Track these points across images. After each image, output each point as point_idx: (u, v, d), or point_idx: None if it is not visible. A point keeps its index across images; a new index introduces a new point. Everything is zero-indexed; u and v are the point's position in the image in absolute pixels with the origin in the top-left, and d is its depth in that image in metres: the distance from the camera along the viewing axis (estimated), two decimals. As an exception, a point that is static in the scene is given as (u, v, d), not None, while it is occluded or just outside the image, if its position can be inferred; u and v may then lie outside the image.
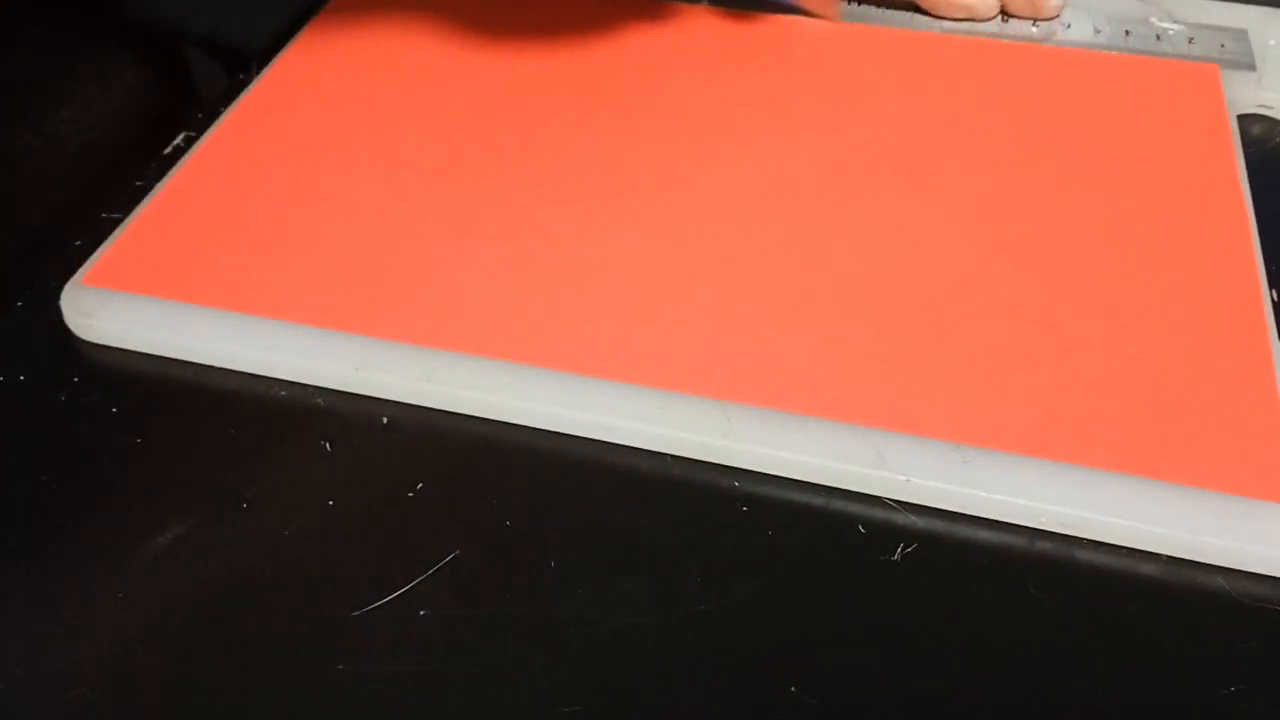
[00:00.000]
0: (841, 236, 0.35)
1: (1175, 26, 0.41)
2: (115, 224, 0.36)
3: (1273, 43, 0.43)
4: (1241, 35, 0.42)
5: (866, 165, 0.38)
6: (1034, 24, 0.43)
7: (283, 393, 0.32)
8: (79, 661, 0.27)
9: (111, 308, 0.33)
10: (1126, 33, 0.42)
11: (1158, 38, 0.41)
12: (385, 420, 0.31)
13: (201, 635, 0.27)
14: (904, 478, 0.29)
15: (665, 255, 0.35)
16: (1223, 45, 0.42)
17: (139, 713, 0.26)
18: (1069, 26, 0.42)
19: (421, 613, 0.27)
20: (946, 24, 0.43)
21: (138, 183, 0.38)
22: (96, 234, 0.36)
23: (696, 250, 0.35)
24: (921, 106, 0.40)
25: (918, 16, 0.43)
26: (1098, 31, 0.42)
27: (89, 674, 0.26)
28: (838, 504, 0.30)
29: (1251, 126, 0.40)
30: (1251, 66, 0.41)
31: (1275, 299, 0.34)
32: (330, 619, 0.27)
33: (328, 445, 0.31)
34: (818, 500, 0.30)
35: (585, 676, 0.26)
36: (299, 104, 0.41)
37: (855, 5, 0.44)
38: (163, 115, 0.41)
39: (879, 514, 0.29)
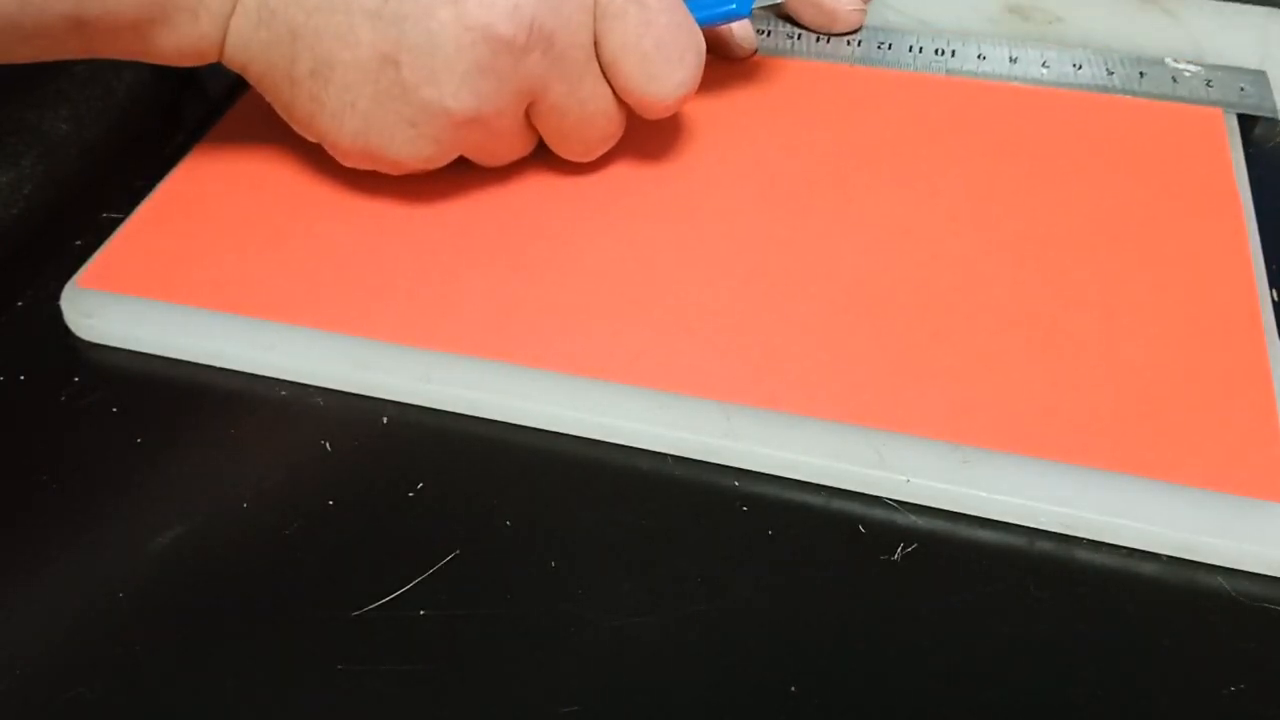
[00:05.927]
0: (841, 236, 0.35)
1: (1192, 68, 0.40)
2: (115, 224, 0.36)
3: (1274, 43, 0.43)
4: (1261, 78, 0.41)
5: (865, 164, 0.38)
6: (1044, 65, 0.41)
7: (283, 393, 0.32)
8: (78, 661, 0.27)
9: (111, 308, 0.33)
10: (1141, 74, 0.40)
11: (1174, 80, 0.40)
12: (385, 420, 0.31)
13: (201, 635, 0.27)
14: (904, 478, 0.29)
15: (665, 255, 0.35)
16: (1242, 89, 0.40)
17: (138, 712, 0.26)
18: (1079, 69, 0.41)
19: (421, 613, 0.27)
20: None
21: (138, 183, 0.38)
22: (96, 234, 0.36)
23: (696, 250, 0.35)
24: (916, 113, 0.40)
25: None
26: (1110, 74, 0.41)
27: (88, 673, 0.26)
28: (838, 504, 0.30)
29: (1252, 126, 0.40)
30: (1273, 112, 0.40)
31: (1275, 299, 0.34)
32: (330, 619, 0.27)
33: (328, 445, 0.31)
34: (818, 500, 0.30)
35: (585, 676, 0.26)
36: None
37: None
38: (163, 115, 0.41)
39: (879, 514, 0.29)
